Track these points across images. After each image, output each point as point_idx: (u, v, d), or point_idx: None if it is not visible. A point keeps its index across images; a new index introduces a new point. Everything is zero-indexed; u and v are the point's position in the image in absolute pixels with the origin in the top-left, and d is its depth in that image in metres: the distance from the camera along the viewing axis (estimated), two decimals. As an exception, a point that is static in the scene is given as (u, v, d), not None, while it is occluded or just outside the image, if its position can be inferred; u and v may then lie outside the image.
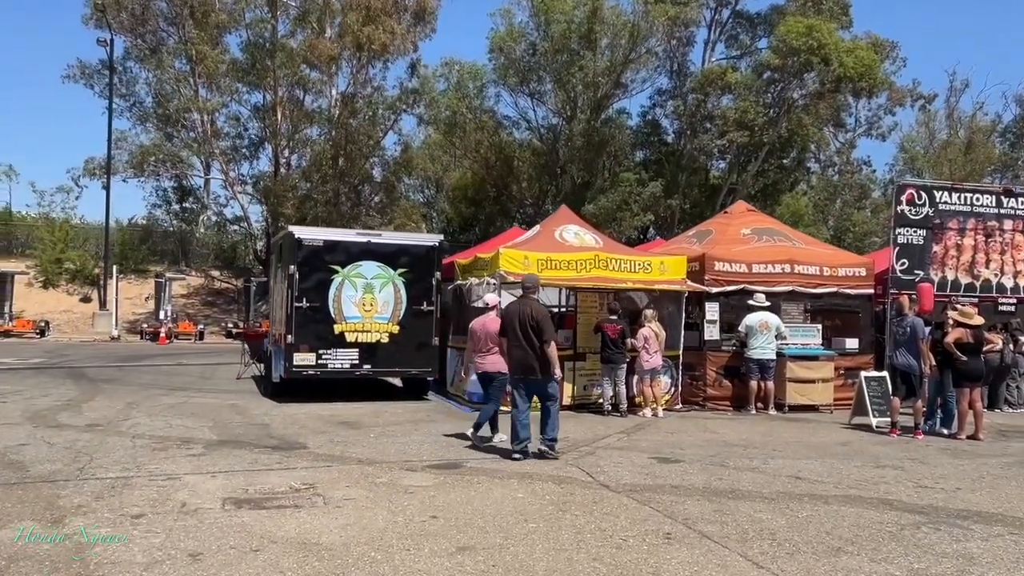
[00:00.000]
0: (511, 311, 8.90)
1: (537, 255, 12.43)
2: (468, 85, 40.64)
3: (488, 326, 9.40)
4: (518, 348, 8.64)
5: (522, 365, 8.65)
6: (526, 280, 9.41)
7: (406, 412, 12.00)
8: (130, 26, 39.77)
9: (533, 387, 8.73)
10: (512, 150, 42.53)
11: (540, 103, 42.60)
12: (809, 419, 12.43)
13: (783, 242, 14.25)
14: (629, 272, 12.80)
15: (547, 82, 41.08)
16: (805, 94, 39.07)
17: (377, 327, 13.03)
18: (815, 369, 13.19)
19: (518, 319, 8.66)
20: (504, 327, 8.87)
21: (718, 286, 13.21)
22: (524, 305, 8.82)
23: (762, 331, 12.80)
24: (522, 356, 8.62)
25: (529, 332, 8.54)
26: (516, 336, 8.64)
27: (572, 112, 40.45)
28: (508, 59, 39.67)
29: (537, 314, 8.63)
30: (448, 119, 41.09)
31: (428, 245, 13.47)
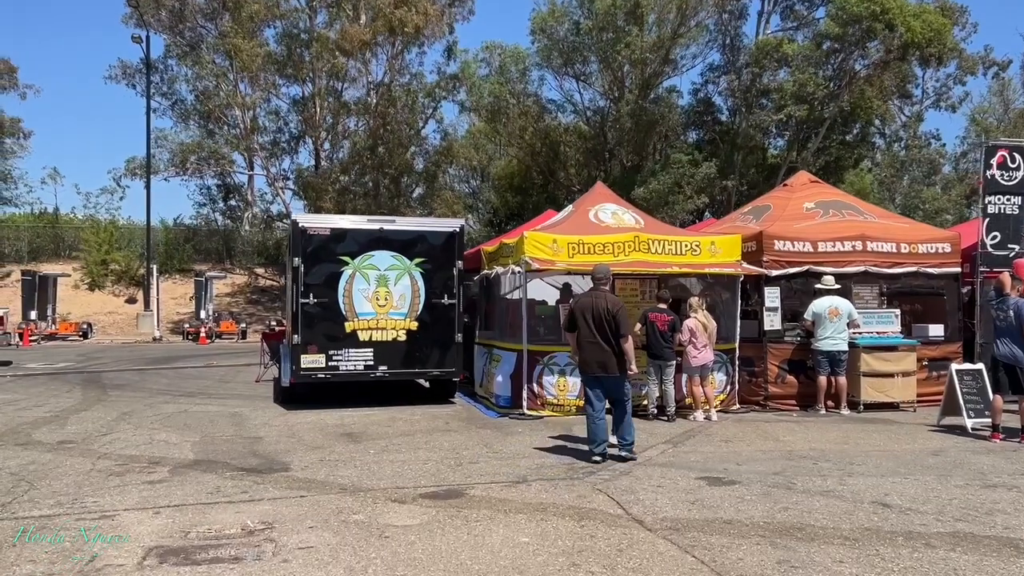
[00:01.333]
0: (583, 303, 8.23)
1: (568, 238, 10.93)
2: (511, 69, 39.25)
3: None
4: (592, 344, 8.03)
5: (597, 362, 8.03)
6: (596, 270, 8.59)
7: (424, 419, 10.63)
8: (169, 23, 39.37)
9: (608, 385, 8.11)
10: (558, 135, 40.93)
11: (586, 85, 40.93)
12: (889, 420, 10.69)
13: (853, 216, 12.47)
14: (674, 255, 11.21)
15: (592, 62, 39.39)
16: (868, 64, 36.62)
17: (393, 324, 11.70)
18: (894, 361, 11.42)
19: (592, 312, 8.04)
20: (573, 321, 8.20)
21: (778, 268, 11.53)
22: (597, 297, 8.17)
23: (831, 318, 11.09)
24: (597, 352, 8.01)
25: (604, 326, 7.97)
26: (589, 331, 8.03)
27: (620, 93, 38.69)
28: (551, 40, 38.09)
29: (613, 306, 8.04)
30: (491, 105, 39.74)
31: (448, 231, 12.06)
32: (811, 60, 35.57)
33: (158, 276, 35.27)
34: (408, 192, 35.93)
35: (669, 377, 10.52)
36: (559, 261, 10.75)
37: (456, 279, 11.97)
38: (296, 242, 11.51)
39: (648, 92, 38.02)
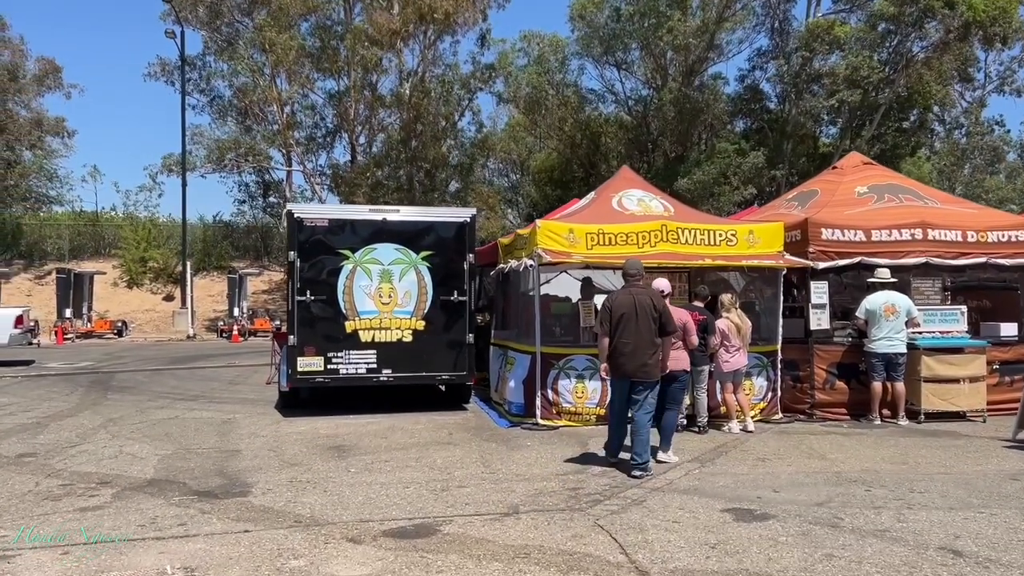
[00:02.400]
0: (623, 301, 7.48)
1: (586, 227, 9.80)
2: (549, 59, 38.16)
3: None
4: (635, 346, 7.31)
5: (640, 366, 7.33)
6: (629, 265, 7.85)
7: (427, 429, 9.62)
8: (207, 19, 39.09)
9: (646, 390, 7.42)
10: (598, 126, 39.68)
11: (628, 74, 39.62)
12: (955, 433, 9.36)
13: (912, 201, 11.10)
14: (707, 245, 10.01)
15: (634, 50, 38.08)
16: (926, 46, 34.64)
17: (398, 323, 10.70)
18: (959, 365, 10.06)
19: (636, 310, 7.35)
20: (611, 320, 7.43)
21: (826, 260, 10.24)
22: (639, 294, 7.48)
23: (887, 316, 9.79)
24: (640, 355, 7.31)
25: (651, 324, 7.33)
26: (635, 331, 7.31)
27: (663, 81, 37.32)
28: (590, 27, 36.88)
29: (659, 303, 7.43)
30: (528, 96, 38.67)
31: (458, 221, 11.00)
32: (865, 43, 33.79)
33: (192, 274, 34.95)
34: (443, 186, 35.02)
35: (702, 383, 9.33)
36: (576, 253, 9.63)
37: (467, 274, 10.92)
38: (292, 234, 10.58)
39: (692, 79, 36.56)
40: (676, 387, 7.91)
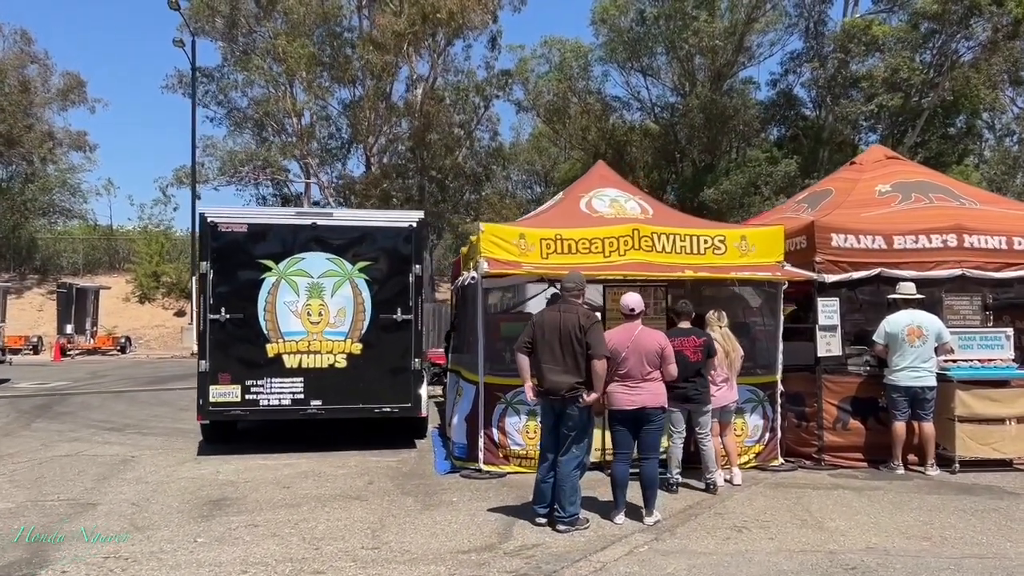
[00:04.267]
0: (548, 320, 6.21)
1: (540, 232, 8.14)
2: (571, 65, 36.63)
3: (642, 342, 6.31)
4: (554, 370, 6.04)
5: (560, 385, 6.03)
6: (568, 278, 6.49)
7: (348, 475, 8.02)
8: (223, 30, 38.37)
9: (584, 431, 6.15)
10: (623, 134, 37.96)
11: (654, 80, 37.91)
12: (998, 488, 7.47)
13: (945, 201, 9.22)
14: (690, 254, 8.27)
15: (659, 54, 36.43)
16: (973, 46, 32.41)
17: (330, 346, 9.13)
18: (1004, 401, 8.15)
19: (560, 331, 6.06)
20: (533, 339, 6.19)
21: (837, 271, 8.43)
22: (567, 312, 6.15)
23: (912, 341, 7.95)
24: (561, 382, 5.99)
25: (574, 347, 6.00)
26: (552, 354, 6.05)
27: (691, 86, 35.53)
28: (613, 31, 35.26)
29: (586, 322, 6.07)
30: (549, 104, 37.20)
31: (402, 227, 9.39)
32: (906, 43, 31.66)
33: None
34: (457, 197, 33.55)
35: (705, 429, 7.41)
36: (527, 262, 7.96)
37: (413, 288, 9.31)
38: (205, 241, 9.10)
39: (721, 84, 34.71)
40: (651, 430, 6.24)
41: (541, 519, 6.06)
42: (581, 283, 6.17)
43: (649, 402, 6.11)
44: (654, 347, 6.15)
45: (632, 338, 6.16)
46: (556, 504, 5.94)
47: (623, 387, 6.15)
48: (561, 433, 6.01)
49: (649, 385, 6.13)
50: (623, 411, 6.14)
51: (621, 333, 6.26)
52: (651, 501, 6.19)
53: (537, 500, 6.11)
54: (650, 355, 6.13)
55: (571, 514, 5.89)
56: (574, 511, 5.92)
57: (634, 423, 6.16)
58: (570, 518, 5.89)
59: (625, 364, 6.12)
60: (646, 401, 6.10)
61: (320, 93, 35.89)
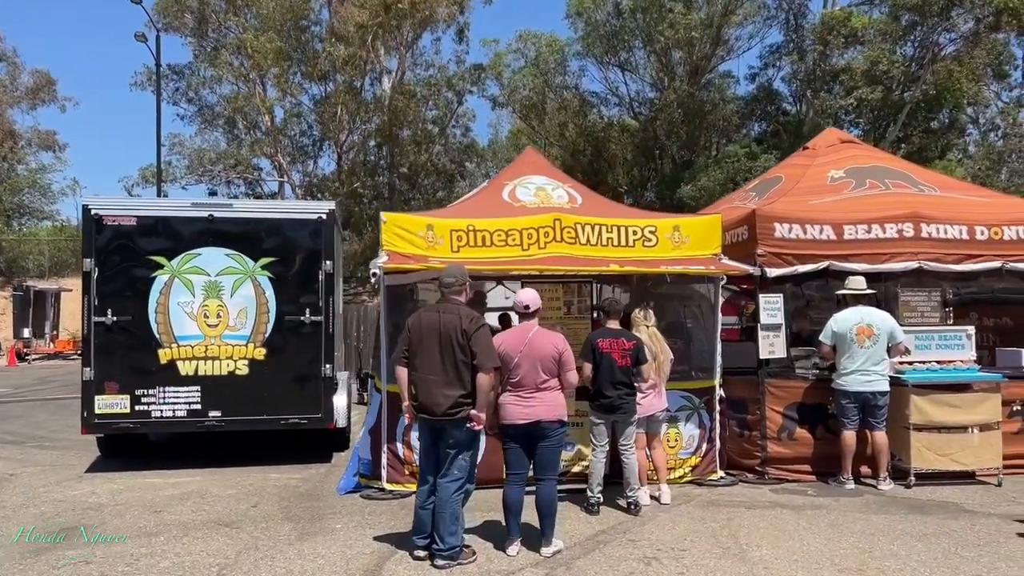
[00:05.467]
0: (426, 321, 5.30)
1: (451, 223, 7.32)
2: (548, 60, 35.84)
3: (536, 345, 5.43)
4: (433, 380, 5.17)
5: (437, 402, 5.16)
6: (446, 272, 5.53)
7: (236, 496, 7.19)
8: (193, 26, 37.48)
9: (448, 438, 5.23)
10: (600, 130, 37.18)
11: (632, 75, 37.13)
12: (954, 505, 6.69)
13: (902, 187, 8.44)
14: (617, 246, 7.46)
15: (637, 48, 35.68)
16: (955, 38, 31.71)
17: (229, 351, 8.29)
18: (966, 407, 7.36)
19: (440, 335, 5.18)
20: (409, 345, 5.30)
21: (781, 265, 7.63)
22: (447, 313, 5.25)
23: (861, 341, 7.17)
24: (439, 392, 5.13)
25: (456, 354, 5.13)
26: (430, 362, 5.18)
27: (669, 81, 34.78)
28: (589, 24, 34.49)
29: (469, 325, 5.15)
30: (525, 100, 36.43)
31: (309, 218, 8.56)
32: (887, 35, 30.97)
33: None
34: (429, 194, 32.71)
35: (630, 441, 6.60)
36: (435, 256, 7.14)
37: (323, 286, 8.48)
38: (88, 236, 8.23)
39: (698, 78, 33.97)
40: (548, 447, 5.43)
41: (420, 551, 5.24)
42: (463, 277, 5.32)
43: (545, 415, 5.29)
44: (550, 351, 5.33)
45: (526, 341, 5.34)
46: (435, 534, 5.12)
47: (515, 398, 5.34)
48: (441, 451, 5.19)
49: (545, 395, 5.32)
50: (515, 426, 5.33)
51: (513, 336, 5.44)
52: (549, 529, 5.38)
53: (416, 530, 5.29)
54: (546, 361, 5.32)
55: (451, 546, 5.08)
56: (455, 543, 5.10)
57: (528, 439, 5.36)
58: (450, 551, 5.07)
59: (517, 371, 5.31)
60: (541, 414, 5.29)
61: (289, 89, 35.05)
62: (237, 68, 34.68)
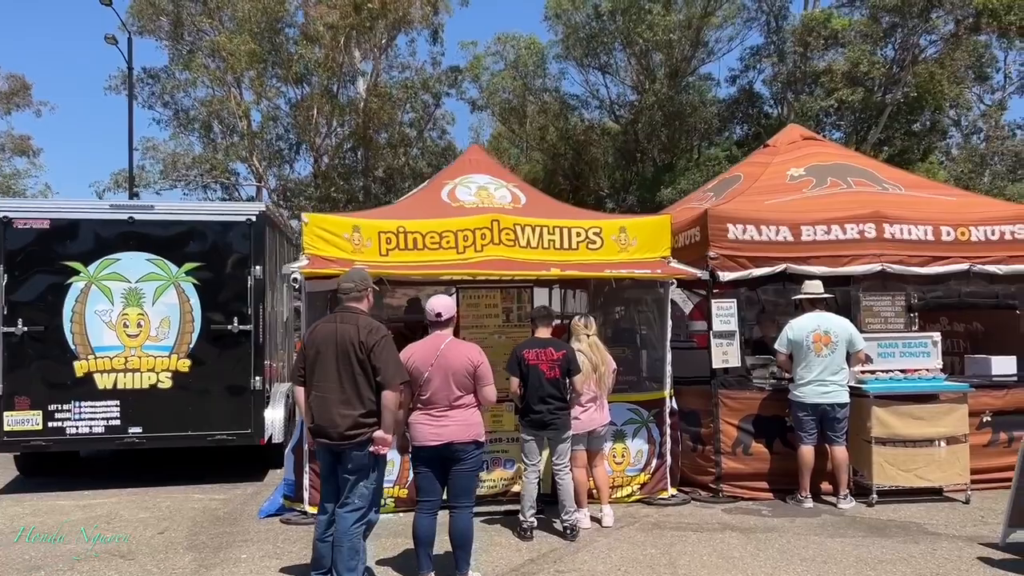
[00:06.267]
0: (322, 333, 4.74)
1: (378, 224, 6.82)
2: (527, 63, 35.43)
3: (448, 358, 4.89)
4: (325, 400, 4.62)
5: (334, 424, 4.59)
6: (345, 277, 4.99)
7: (152, 520, 6.68)
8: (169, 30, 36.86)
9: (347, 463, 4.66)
10: (582, 134, 36.78)
11: (613, 77, 36.75)
12: (917, 526, 6.22)
13: (865, 186, 7.98)
14: (559, 249, 6.97)
15: (617, 50, 35.31)
16: (935, 40, 31.41)
17: (151, 363, 7.77)
18: (931, 419, 6.89)
19: (337, 347, 4.62)
20: (305, 360, 4.75)
21: (735, 268, 7.15)
22: (346, 322, 4.69)
23: (818, 349, 6.70)
24: (332, 411, 4.57)
25: (354, 369, 4.57)
26: (326, 379, 4.61)
27: (649, 84, 34.41)
28: (568, 26, 34.12)
29: (369, 338, 4.57)
30: (504, 102, 36.00)
31: (238, 221, 8.04)
32: (867, 37, 30.67)
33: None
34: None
35: (564, 460, 6.10)
36: (361, 260, 6.61)
37: (252, 293, 7.97)
38: (-1, 241, 7.70)
39: (678, 80, 33.60)
40: (462, 471, 4.91)
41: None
42: (363, 282, 4.80)
43: (458, 435, 4.79)
44: (464, 365, 4.83)
45: (437, 353, 4.83)
46: (334, 570, 4.61)
47: (426, 417, 4.84)
48: (340, 478, 4.67)
49: (458, 413, 4.81)
50: (426, 448, 4.82)
51: (423, 347, 4.92)
52: (464, 562, 4.87)
53: (315, 564, 4.76)
54: (459, 375, 4.81)
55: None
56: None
57: (441, 463, 4.85)
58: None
59: (428, 387, 4.80)
60: (454, 434, 4.78)
61: (264, 92, 34.51)
62: (213, 71, 34.11)
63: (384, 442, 4.58)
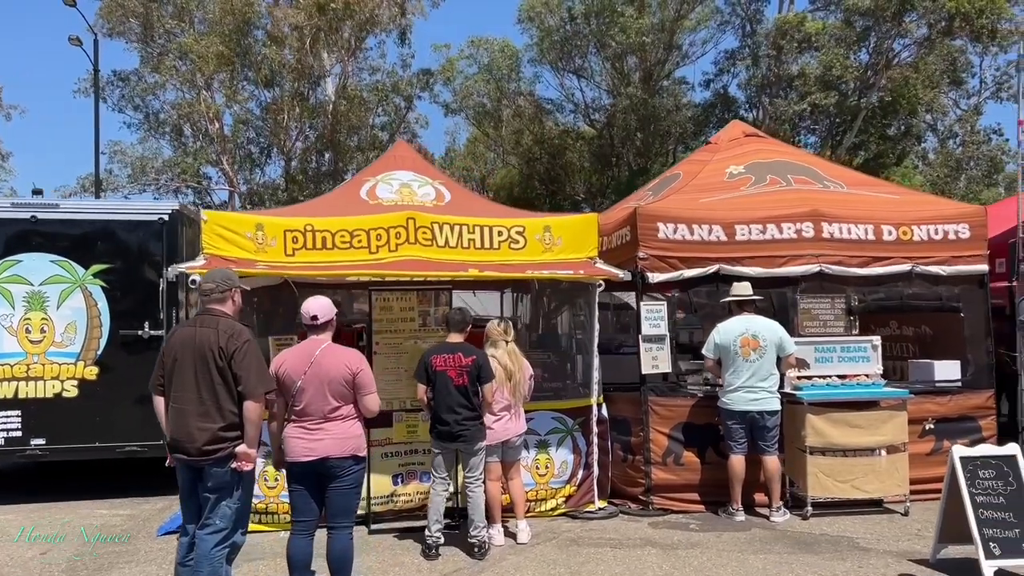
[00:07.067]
0: (181, 338, 4.32)
1: (284, 222, 6.44)
2: (501, 66, 35.13)
3: (323, 365, 4.51)
4: (182, 411, 4.21)
5: (190, 438, 4.19)
6: (205, 278, 4.64)
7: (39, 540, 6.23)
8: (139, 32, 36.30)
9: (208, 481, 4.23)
10: (555, 136, 36.50)
11: (588, 81, 36.50)
12: (848, 541, 5.89)
13: (806, 183, 7.65)
14: (480, 249, 6.62)
15: (592, 54, 35.07)
16: (909, 44, 31.31)
17: (55, 370, 7.35)
18: (869, 427, 6.56)
19: (194, 353, 4.20)
20: (163, 367, 4.33)
21: (665, 269, 6.82)
22: (205, 326, 4.27)
23: (746, 353, 6.36)
24: (192, 424, 4.18)
25: (213, 378, 4.15)
26: (183, 388, 4.20)
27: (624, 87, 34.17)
28: (542, 30, 33.84)
29: (230, 339, 4.17)
30: (478, 105, 35.70)
31: (149, 220, 7.65)
32: (841, 41, 30.52)
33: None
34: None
35: (476, 473, 5.73)
36: (265, 261, 6.24)
37: (165, 296, 7.57)
38: None
39: (652, 84, 33.39)
40: (340, 489, 4.54)
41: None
42: (226, 282, 4.40)
43: (333, 450, 4.41)
44: (341, 372, 4.44)
45: (311, 361, 4.45)
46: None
47: (299, 430, 4.46)
48: (201, 496, 4.28)
49: (334, 426, 4.43)
50: (299, 463, 4.44)
51: (296, 354, 4.54)
52: None
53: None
54: (335, 384, 4.43)
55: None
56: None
57: (317, 479, 4.47)
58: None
59: (301, 397, 4.42)
60: (329, 449, 4.40)
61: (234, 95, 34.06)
62: (183, 73, 33.62)
63: (247, 458, 4.20)
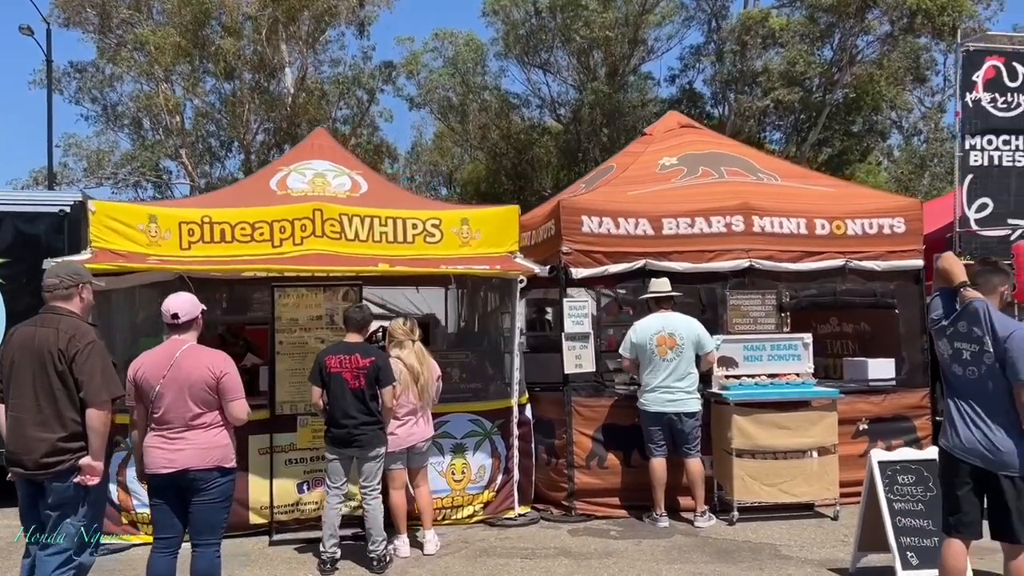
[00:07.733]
0: (21, 338, 3.91)
1: (179, 214, 6.07)
2: (467, 60, 34.77)
3: (184, 368, 4.12)
4: (20, 420, 3.81)
5: (27, 450, 3.79)
6: (50, 272, 4.09)
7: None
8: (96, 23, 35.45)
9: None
10: (522, 132, 36.19)
11: (554, 76, 36.22)
12: (771, 548, 5.63)
13: (739, 175, 7.39)
14: (392, 243, 6.29)
15: (558, 48, 34.81)
16: (872, 40, 31.32)
17: (-53, 370, 6.89)
18: (799, 428, 6.32)
19: (32, 358, 3.81)
20: (2, 376, 3.91)
21: (590, 264, 6.53)
22: (44, 325, 3.89)
23: (663, 352, 6.09)
24: (26, 433, 3.79)
25: (52, 383, 3.78)
26: (20, 395, 3.81)
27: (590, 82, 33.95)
28: (507, 23, 33.49)
29: (69, 345, 3.78)
30: (443, 99, 35.30)
31: (49, 211, 7.25)
32: (805, 37, 30.48)
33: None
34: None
35: (372, 482, 5.36)
36: (157, 255, 5.87)
37: (68, 293, 7.13)
38: None
39: (617, 79, 33.20)
40: (203, 503, 4.15)
41: None
42: (72, 277, 4.01)
43: (195, 461, 4.05)
44: (203, 376, 4.08)
45: (171, 363, 4.08)
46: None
47: (159, 439, 4.10)
48: (42, 514, 3.91)
49: (197, 435, 4.07)
50: (159, 475, 4.09)
51: (155, 357, 4.17)
52: None
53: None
54: (197, 389, 4.07)
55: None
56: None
57: (178, 493, 4.11)
58: None
59: (160, 403, 4.06)
60: (190, 460, 4.04)
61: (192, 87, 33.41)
62: (141, 65, 32.90)
63: (92, 471, 3.84)
